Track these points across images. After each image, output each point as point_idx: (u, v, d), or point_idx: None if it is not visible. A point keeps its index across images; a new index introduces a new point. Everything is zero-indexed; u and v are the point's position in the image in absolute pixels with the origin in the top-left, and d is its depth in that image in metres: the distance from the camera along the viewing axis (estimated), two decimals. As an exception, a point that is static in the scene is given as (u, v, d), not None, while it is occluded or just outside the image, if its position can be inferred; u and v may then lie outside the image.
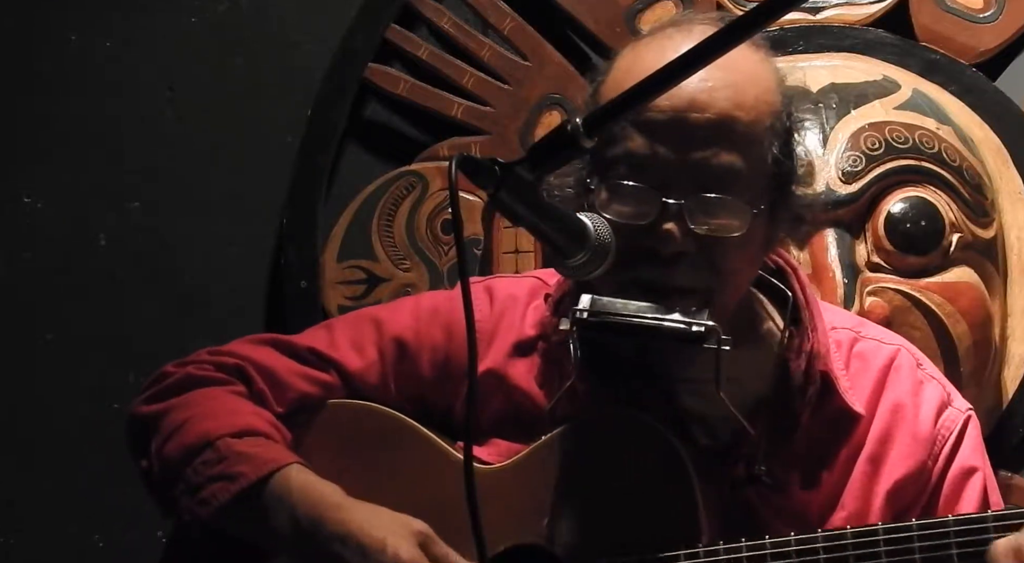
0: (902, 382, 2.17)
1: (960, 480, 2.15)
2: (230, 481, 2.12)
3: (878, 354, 2.19)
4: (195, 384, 2.22)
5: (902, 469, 2.14)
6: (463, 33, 3.15)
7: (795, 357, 2.15)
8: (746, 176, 2.04)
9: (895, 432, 2.15)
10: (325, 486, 2.12)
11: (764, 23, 1.86)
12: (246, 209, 3.21)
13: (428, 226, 3.14)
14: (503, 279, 2.30)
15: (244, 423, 2.16)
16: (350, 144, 3.20)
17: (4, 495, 3.20)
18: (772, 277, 2.21)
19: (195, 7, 3.23)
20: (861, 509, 2.12)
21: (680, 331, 2.00)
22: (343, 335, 2.26)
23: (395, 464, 2.19)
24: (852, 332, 2.21)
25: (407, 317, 2.25)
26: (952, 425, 2.17)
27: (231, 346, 2.28)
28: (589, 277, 1.99)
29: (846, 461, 2.14)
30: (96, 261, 3.23)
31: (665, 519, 2.06)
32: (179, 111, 3.23)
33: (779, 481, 2.11)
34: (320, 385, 2.23)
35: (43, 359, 3.22)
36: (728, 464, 2.12)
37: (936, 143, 2.90)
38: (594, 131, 1.92)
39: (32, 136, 3.24)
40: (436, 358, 2.22)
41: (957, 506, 2.14)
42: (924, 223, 2.86)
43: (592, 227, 1.98)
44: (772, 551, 2.02)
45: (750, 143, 2.05)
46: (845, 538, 2.00)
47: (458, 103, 3.13)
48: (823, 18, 3.11)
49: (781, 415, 2.13)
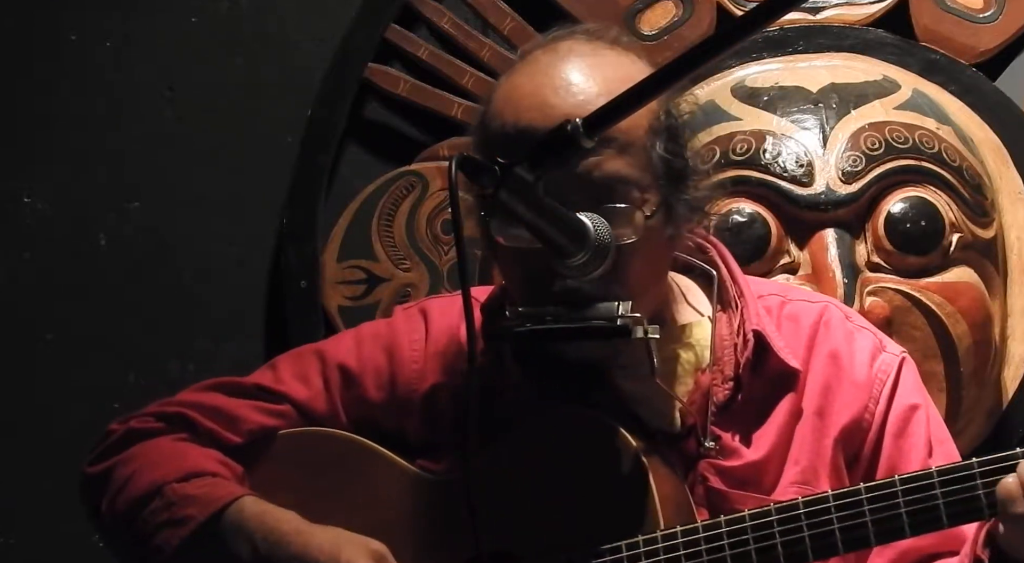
0: (833, 334, 2.21)
1: (904, 417, 2.18)
2: (179, 526, 2.15)
3: (807, 312, 2.23)
4: (138, 437, 2.25)
5: (846, 416, 2.17)
6: (463, 33, 3.15)
7: (726, 327, 2.18)
8: (633, 180, 2.06)
9: (833, 382, 2.18)
10: (281, 513, 2.15)
11: (764, 23, 1.87)
12: (246, 209, 3.21)
13: (428, 226, 3.14)
14: (437, 299, 2.34)
15: (190, 466, 2.19)
16: (350, 144, 3.20)
17: (4, 495, 3.20)
18: (694, 257, 2.24)
19: (195, 7, 3.23)
20: (812, 461, 2.15)
21: (605, 328, 2.03)
22: (287, 370, 2.28)
23: (352, 484, 2.20)
24: (779, 296, 2.25)
25: (348, 344, 2.28)
26: (888, 367, 2.20)
27: (178, 396, 2.31)
28: (589, 277, 2.01)
29: (790, 417, 2.16)
30: (96, 261, 3.23)
31: (622, 510, 2.07)
32: (179, 111, 3.23)
33: (729, 449, 2.14)
34: (275, 415, 2.25)
35: (43, 359, 3.22)
36: (679, 442, 2.14)
37: (936, 143, 2.91)
38: (594, 131, 1.92)
39: (32, 136, 3.24)
40: (380, 381, 2.24)
41: (904, 442, 2.16)
42: (924, 223, 2.86)
43: (592, 227, 2.00)
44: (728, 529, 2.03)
45: (630, 147, 2.06)
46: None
47: (458, 103, 3.13)
48: (823, 18, 3.11)
49: (721, 385, 2.16)
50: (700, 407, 2.15)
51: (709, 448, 2.13)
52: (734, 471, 2.13)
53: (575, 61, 2.10)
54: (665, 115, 2.10)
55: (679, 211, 2.11)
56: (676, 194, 2.10)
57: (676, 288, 2.24)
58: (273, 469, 2.23)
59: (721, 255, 2.25)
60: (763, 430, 2.16)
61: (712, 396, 2.15)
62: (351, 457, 2.22)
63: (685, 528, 2.04)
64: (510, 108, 2.09)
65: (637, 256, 2.06)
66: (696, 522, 2.07)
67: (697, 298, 2.24)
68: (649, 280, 2.12)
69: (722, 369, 2.17)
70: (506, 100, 2.11)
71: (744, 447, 2.14)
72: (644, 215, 2.06)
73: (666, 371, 2.15)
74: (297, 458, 2.23)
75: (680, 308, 2.22)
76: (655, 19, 3.10)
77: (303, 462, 2.23)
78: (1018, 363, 3.01)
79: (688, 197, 2.11)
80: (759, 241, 2.83)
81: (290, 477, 2.22)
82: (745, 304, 2.19)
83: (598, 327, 2.03)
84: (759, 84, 2.99)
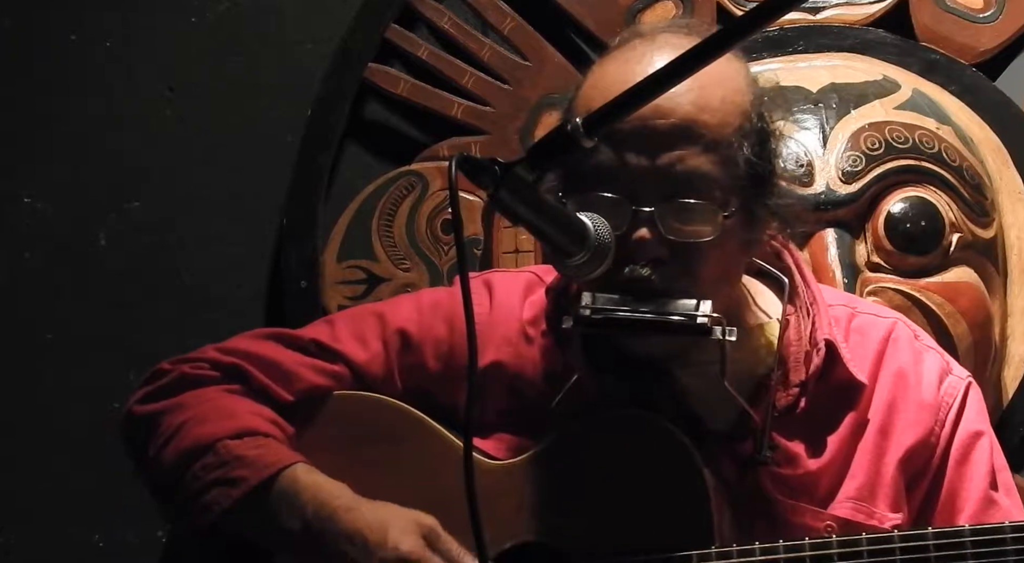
0: (901, 352, 2.20)
1: (967, 444, 2.17)
2: (231, 486, 2.12)
3: (876, 327, 2.22)
4: (190, 384, 2.22)
5: (911, 437, 2.15)
6: (463, 33, 3.15)
7: (795, 332, 2.17)
8: (715, 179, 2.05)
9: (899, 401, 2.17)
10: (334, 487, 2.13)
11: (764, 23, 1.87)
12: (246, 209, 3.21)
13: (428, 226, 3.14)
14: (501, 273, 2.31)
15: (242, 424, 2.16)
16: (350, 144, 3.20)
17: (4, 494, 3.20)
18: (766, 261, 2.23)
19: (195, 7, 3.23)
20: (871, 478, 2.14)
21: (685, 324, 2.02)
22: (345, 328, 2.26)
23: (403, 457, 2.18)
24: (848, 308, 2.24)
25: (409, 310, 2.26)
26: (955, 391, 2.19)
27: (232, 342, 2.28)
28: (589, 277, 2.00)
29: (852, 431, 2.15)
30: (96, 261, 3.22)
31: (676, 515, 2.07)
32: (179, 111, 3.23)
33: (787, 457, 2.12)
34: (329, 375, 2.23)
35: (43, 359, 3.22)
36: (736, 445, 2.13)
37: (936, 143, 2.91)
38: (594, 131, 1.92)
39: (32, 136, 3.24)
40: (440, 351, 2.22)
41: (966, 469, 2.15)
42: (924, 223, 2.86)
43: (592, 227, 1.99)
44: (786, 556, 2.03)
45: (717, 145, 2.05)
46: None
47: (458, 103, 3.13)
48: (823, 18, 3.11)
49: (785, 391, 2.15)
50: (762, 411, 2.13)
51: (767, 455, 2.11)
52: (790, 480, 2.12)
53: (668, 51, 2.06)
54: (757, 118, 2.09)
55: (759, 216, 2.10)
56: (758, 199, 2.09)
57: (746, 291, 2.22)
58: (323, 430, 2.21)
59: (795, 260, 2.24)
60: (824, 441, 2.14)
61: (775, 401, 2.14)
62: (402, 427, 2.20)
63: (742, 549, 2.03)
64: (598, 93, 2.06)
65: (712, 255, 2.05)
66: (738, 530, 2.06)
67: (767, 302, 2.22)
68: (721, 281, 2.10)
69: (787, 374, 2.15)
70: (594, 85, 2.10)
71: (803, 456, 2.13)
72: (723, 215, 2.05)
73: (731, 372, 2.12)
74: (349, 422, 2.22)
75: (750, 310, 2.21)
76: (655, 19, 3.10)
77: (354, 427, 2.21)
78: (1018, 363, 3.01)
79: (770, 203, 2.10)
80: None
81: (340, 440, 2.20)
82: (817, 312, 2.18)
83: (678, 322, 2.02)
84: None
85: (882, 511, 2.13)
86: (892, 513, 2.13)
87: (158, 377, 2.25)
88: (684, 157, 2.04)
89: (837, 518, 2.10)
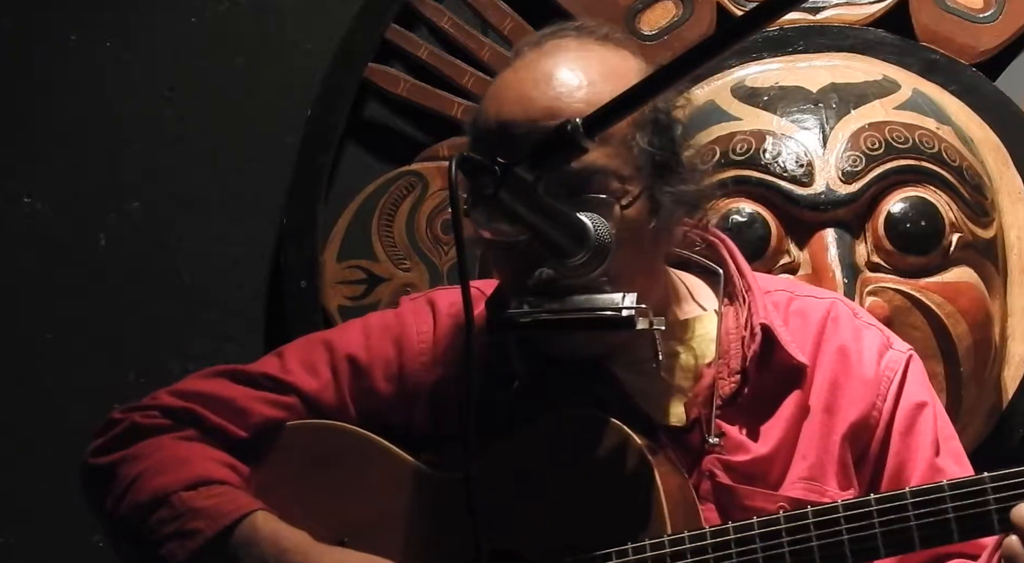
0: (841, 331, 2.21)
1: (911, 415, 2.18)
2: (187, 538, 2.14)
3: (815, 308, 2.23)
4: (143, 434, 2.23)
5: (854, 413, 2.17)
6: (463, 33, 3.15)
7: (733, 321, 2.19)
8: (612, 171, 2.07)
9: (841, 378, 2.18)
10: (294, 534, 2.14)
11: (764, 23, 1.87)
12: (246, 209, 3.21)
13: (428, 226, 3.14)
14: (444, 291, 2.33)
15: (197, 473, 2.17)
16: (350, 144, 3.20)
17: (4, 494, 3.20)
18: (701, 255, 2.25)
19: (195, 7, 3.23)
20: (820, 456, 2.15)
21: (609, 318, 2.02)
22: (294, 359, 2.27)
23: (359, 479, 2.20)
24: (787, 292, 2.25)
25: (357, 335, 2.27)
26: (895, 365, 2.20)
27: (184, 384, 2.29)
28: (589, 277, 2.01)
29: (798, 413, 2.16)
30: (96, 261, 3.23)
31: (628, 510, 2.07)
32: (179, 111, 3.23)
33: (735, 444, 2.14)
34: (282, 407, 2.24)
35: (43, 359, 3.22)
36: (683, 437, 2.14)
37: (936, 143, 2.90)
38: (594, 131, 1.92)
39: (32, 136, 3.24)
40: (389, 372, 2.24)
41: (912, 439, 2.17)
42: (924, 223, 2.86)
43: (592, 227, 2.00)
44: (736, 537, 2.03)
45: (610, 139, 2.06)
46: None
47: (458, 103, 3.13)
48: (823, 18, 3.11)
49: (727, 379, 2.16)
50: (705, 401, 2.15)
51: (714, 443, 2.13)
52: (741, 466, 2.13)
53: (559, 56, 2.11)
54: (651, 109, 2.09)
55: (664, 204, 2.10)
56: (661, 187, 2.09)
57: (680, 284, 2.24)
58: (279, 461, 2.22)
59: (729, 250, 2.26)
60: (770, 425, 2.16)
61: (718, 390, 2.15)
62: (356, 451, 2.21)
63: (693, 534, 2.03)
64: (494, 103, 2.11)
65: (618, 247, 2.05)
66: (701, 520, 2.07)
67: (703, 295, 2.24)
68: (635, 272, 2.10)
69: (728, 363, 2.17)
70: (491, 96, 2.13)
71: (751, 441, 2.14)
72: (621, 206, 2.06)
73: (670, 365, 2.16)
74: (303, 450, 2.23)
75: (684, 304, 2.23)
76: (655, 19, 3.10)
77: (309, 455, 2.22)
78: (1018, 363, 3.01)
79: (674, 190, 2.11)
80: (759, 241, 2.82)
81: (296, 469, 2.21)
82: (752, 298, 2.19)
83: (603, 317, 2.02)
84: (759, 84, 2.99)
85: (833, 489, 2.13)
86: (842, 490, 2.14)
87: (111, 427, 2.26)
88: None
89: (790, 499, 2.11)
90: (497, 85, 2.14)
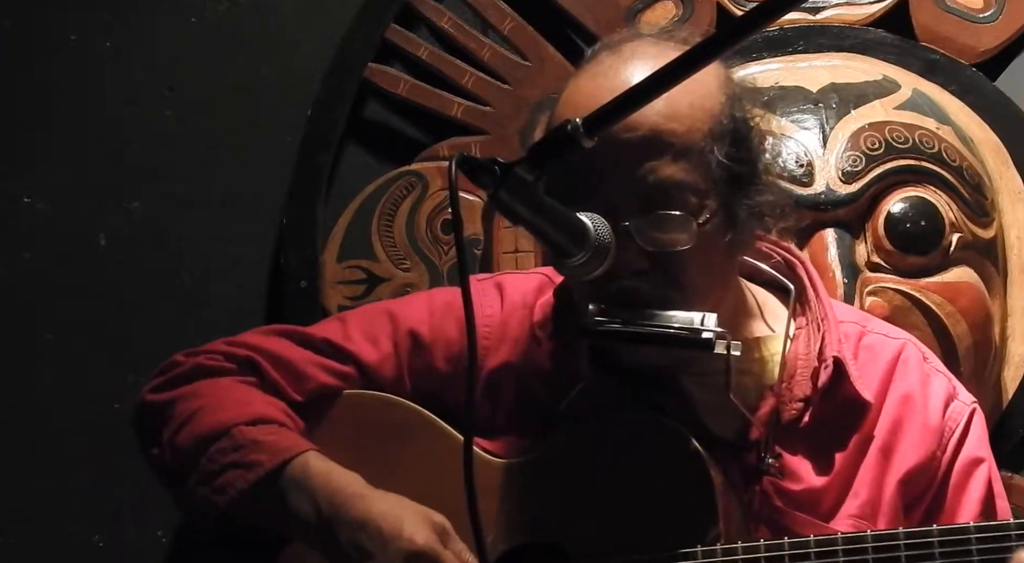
0: (910, 374, 2.21)
1: (967, 470, 2.19)
2: (247, 469, 2.13)
3: (885, 347, 2.23)
4: (205, 374, 2.23)
5: (913, 459, 2.17)
6: (463, 33, 3.15)
7: (804, 346, 2.17)
8: (688, 185, 2.06)
9: (904, 422, 2.18)
10: (345, 474, 2.14)
11: (764, 23, 1.87)
12: (246, 209, 3.21)
13: (428, 226, 3.14)
14: (512, 276, 2.32)
15: (257, 411, 2.18)
16: (350, 144, 3.20)
17: (4, 495, 3.19)
18: (778, 271, 2.23)
19: (195, 7, 3.23)
20: (873, 497, 2.14)
21: (689, 338, 2.03)
22: (357, 327, 2.26)
23: (411, 456, 2.19)
24: (858, 326, 2.25)
25: (421, 311, 2.26)
26: (959, 417, 2.20)
27: (245, 336, 2.29)
28: (589, 277, 2.01)
29: (857, 449, 2.16)
30: (96, 261, 3.22)
31: (682, 519, 2.07)
32: (179, 111, 3.23)
33: (790, 471, 2.13)
34: (339, 376, 2.24)
35: (43, 359, 3.22)
36: (741, 455, 2.13)
37: (936, 143, 2.90)
38: (594, 131, 1.92)
39: (32, 136, 3.24)
40: (450, 353, 2.23)
41: (964, 495, 2.17)
42: (924, 223, 2.86)
43: (592, 227, 1.99)
44: (791, 552, 2.02)
45: (688, 152, 2.06)
46: (865, 541, 2.01)
47: (458, 103, 3.13)
48: (823, 18, 3.11)
49: (789, 404, 2.15)
50: (766, 423, 2.14)
51: (770, 464, 2.12)
52: (794, 494, 2.13)
53: (637, 63, 2.09)
54: (729, 119, 2.09)
55: (741, 217, 2.09)
56: (738, 200, 2.09)
57: (751, 298, 2.22)
58: (333, 428, 2.22)
59: (809, 274, 2.24)
60: (828, 457, 2.15)
61: (780, 414, 2.14)
62: (411, 427, 2.20)
63: (747, 545, 2.03)
64: (570, 110, 2.07)
65: (693, 262, 2.05)
66: (750, 537, 2.07)
67: (772, 312, 2.23)
68: (711, 286, 2.10)
69: (792, 388, 2.16)
70: (566, 102, 2.12)
71: (807, 472, 2.14)
72: (698, 223, 2.05)
73: (736, 383, 2.14)
74: (358, 421, 2.22)
75: (753, 321, 2.21)
76: (655, 19, 3.10)
77: (364, 426, 2.22)
78: (1018, 363, 3.01)
79: (751, 202, 2.10)
80: (759, 241, 2.82)
81: (349, 439, 2.21)
82: (828, 327, 2.18)
83: (682, 337, 2.02)
84: (759, 84, 2.99)
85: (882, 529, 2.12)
86: None
87: (172, 367, 2.27)
88: (655, 168, 2.05)
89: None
90: (573, 91, 2.12)
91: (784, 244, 2.26)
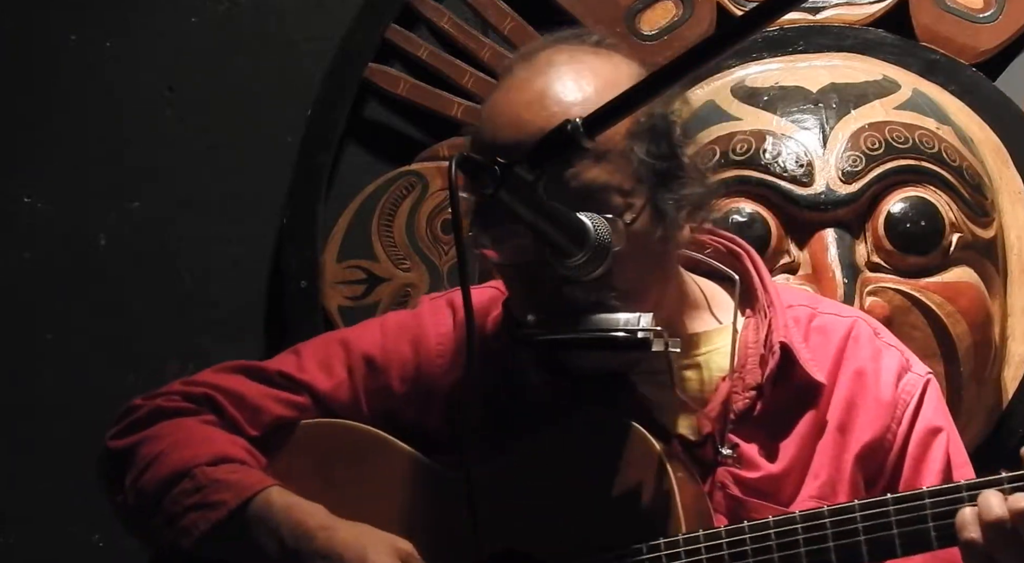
0: (861, 350, 2.20)
1: (924, 441, 2.18)
2: (210, 509, 2.14)
3: (836, 326, 2.22)
4: (165, 416, 2.24)
5: (868, 434, 2.16)
6: (463, 33, 3.15)
7: (752, 335, 2.17)
8: (613, 187, 2.05)
9: (858, 399, 2.17)
10: (308, 506, 2.15)
11: (763, 23, 1.87)
12: (246, 209, 3.21)
13: (428, 226, 3.14)
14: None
15: (219, 451, 2.18)
16: (350, 144, 3.20)
17: (4, 495, 3.20)
18: (722, 262, 2.23)
19: (195, 7, 3.23)
20: (832, 476, 2.14)
21: (625, 340, 2.03)
22: (311, 357, 2.27)
23: (372, 478, 2.20)
24: (809, 308, 2.24)
25: (374, 335, 2.27)
26: (912, 389, 2.20)
27: (200, 376, 2.30)
28: (589, 277, 2.01)
29: (813, 430, 2.16)
30: (96, 261, 3.23)
31: (644, 513, 2.07)
32: (179, 111, 3.23)
33: (748, 460, 2.14)
34: (294, 407, 2.25)
35: (43, 359, 3.22)
36: (697, 450, 2.14)
37: (936, 143, 2.90)
38: (594, 131, 1.92)
39: (32, 136, 3.24)
40: (405, 373, 2.24)
41: (923, 465, 2.17)
42: (924, 223, 2.86)
43: (592, 227, 1.99)
44: (751, 535, 2.03)
45: (608, 153, 2.04)
46: (823, 516, 2.01)
47: (458, 103, 3.13)
48: (823, 18, 3.11)
49: (741, 394, 2.15)
50: (719, 415, 2.14)
51: (726, 455, 2.13)
52: (752, 482, 2.13)
53: (550, 72, 2.08)
54: (646, 117, 2.07)
55: (668, 212, 2.09)
56: (664, 195, 2.08)
57: (696, 291, 2.22)
58: (292, 458, 2.23)
59: (754, 262, 2.24)
60: (783, 442, 2.15)
61: (732, 405, 2.15)
62: (369, 450, 2.21)
63: (708, 532, 2.04)
64: (489, 126, 2.08)
65: (627, 262, 2.05)
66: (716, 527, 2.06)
67: (719, 303, 2.23)
68: (646, 285, 2.10)
69: (743, 377, 2.16)
70: (486, 118, 2.11)
71: (763, 459, 2.14)
72: (624, 223, 2.04)
73: (684, 378, 2.15)
74: (316, 448, 2.23)
75: (700, 314, 2.21)
76: (655, 19, 3.10)
77: (322, 452, 2.23)
78: (1018, 363, 3.01)
79: (677, 195, 2.09)
80: (759, 241, 2.82)
81: (308, 468, 2.22)
82: (774, 314, 2.18)
83: (619, 338, 2.03)
84: (759, 84, 2.99)
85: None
86: None
87: (131, 412, 2.27)
88: (578, 173, 2.04)
89: None
90: (491, 106, 2.11)
91: (727, 235, 2.26)
